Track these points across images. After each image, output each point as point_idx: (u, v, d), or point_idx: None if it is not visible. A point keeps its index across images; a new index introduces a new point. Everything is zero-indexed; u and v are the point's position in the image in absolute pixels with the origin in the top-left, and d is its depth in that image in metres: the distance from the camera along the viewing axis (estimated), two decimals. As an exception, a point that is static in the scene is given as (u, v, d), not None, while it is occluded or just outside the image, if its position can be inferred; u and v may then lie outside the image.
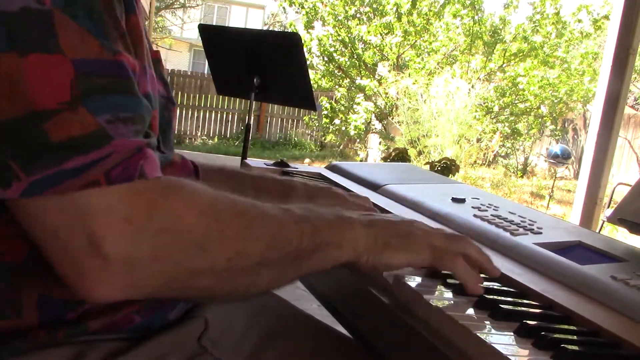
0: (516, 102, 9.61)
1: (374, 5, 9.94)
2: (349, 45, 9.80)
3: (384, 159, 8.33)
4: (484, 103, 9.18)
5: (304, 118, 10.80)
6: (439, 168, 6.89)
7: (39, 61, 0.47)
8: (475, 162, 9.15)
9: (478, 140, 8.89)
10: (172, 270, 0.53)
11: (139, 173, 0.51)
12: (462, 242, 0.70)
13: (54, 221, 0.49)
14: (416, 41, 9.66)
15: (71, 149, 0.48)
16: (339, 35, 9.75)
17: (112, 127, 0.49)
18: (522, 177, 10.01)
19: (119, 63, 0.51)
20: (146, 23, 0.75)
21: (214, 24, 20.13)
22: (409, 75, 9.20)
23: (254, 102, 3.06)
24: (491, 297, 0.66)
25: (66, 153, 0.48)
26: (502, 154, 10.51)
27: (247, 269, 0.57)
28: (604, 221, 3.46)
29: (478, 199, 1.10)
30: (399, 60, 9.79)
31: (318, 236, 0.62)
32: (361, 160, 9.73)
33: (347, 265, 0.66)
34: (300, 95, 2.97)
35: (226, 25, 13.57)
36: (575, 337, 0.60)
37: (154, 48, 0.70)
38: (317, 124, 10.74)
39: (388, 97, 9.42)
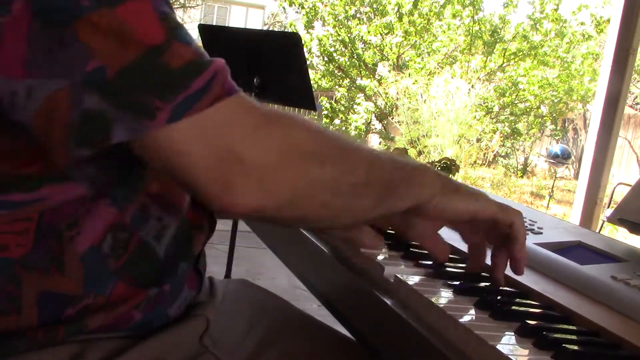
0: (516, 102, 9.62)
1: (374, 5, 9.94)
2: (349, 45, 9.80)
3: (384, 159, 8.31)
4: (484, 103, 9.18)
5: (304, 118, 10.80)
6: (439, 168, 6.89)
7: (128, 9, 0.50)
8: (475, 162, 9.15)
9: (478, 140, 8.89)
10: (298, 178, 0.57)
11: (235, 87, 0.55)
12: (515, 216, 0.73)
13: (195, 143, 0.52)
14: (416, 41, 9.66)
15: (190, 72, 0.52)
16: (339, 35, 9.76)
17: (202, 52, 0.54)
18: (522, 177, 10.01)
19: (172, 13, 0.55)
20: None
21: (214, 24, 20.13)
22: (409, 75, 9.20)
23: (254, 102, 3.05)
24: (492, 297, 0.66)
25: (188, 76, 0.52)
26: (502, 154, 10.51)
27: (354, 186, 0.61)
28: (604, 221, 3.46)
29: (478, 199, 1.10)
30: (399, 60, 9.79)
31: (404, 172, 0.66)
32: (361, 160, 9.72)
33: (416, 209, 0.68)
34: (300, 95, 2.97)
35: (226, 25, 13.58)
36: (575, 337, 0.60)
37: None
38: (317, 124, 10.74)
39: (388, 97, 9.42)
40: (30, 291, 0.57)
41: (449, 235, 0.90)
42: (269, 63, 2.91)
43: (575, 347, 0.56)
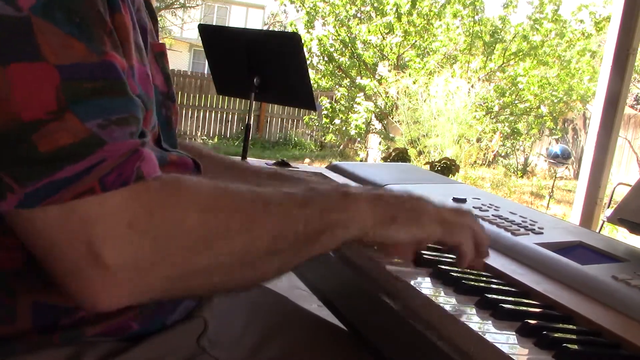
0: (516, 102, 9.61)
1: (375, 5, 9.94)
2: (349, 45, 9.80)
3: (384, 159, 8.33)
4: (484, 103, 9.18)
5: (304, 118, 10.79)
6: (439, 168, 6.89)
7: (21, 70, 0.45)
8: (475, 162, 9.15)
9: (478, 140, 8.89)
10: (178, 271, 0.52)
11: (135, 176, 0.50)
12: (469, 217, 0.71)
13: (51, 232, 0.48)
14: (416, 41, 9.66)
15: (61, 159, 0.47)
16: (339, 35, 9.75)
17: (105, 131, 0.48)
18: (522, 177, 10.01)
19: (108, 63, 0.49)
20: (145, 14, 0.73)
21: (214, 24, 20.12)
22: (409, 75, 9.19)
23: (254, 102, 3.06)
24: (493, 296, 0.66)
25: (56, 163, 0.46)
26: (502, 154, 10.51)
27: (255, 261, 0.56)
28: (604, 221, 3.45)
29: (479, 199, 1.10)
30: (399, 60, 9.79)
31: (325, 217, 0.61)
32: (361, 160, 9.73)
33: (354, 243, 0.65)
34: (300, 95, 2.97)
35: (226, 25, 13.58)
36: (576, 337, 0.60)
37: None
38: (317, 124, 10.74)
39: (388, 97, 9.42)
40: (25, 302, 0.56)
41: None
42: (269, 63, 2.91)
43: (576, 347, 0.56)
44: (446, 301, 0.65)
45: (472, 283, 0.70)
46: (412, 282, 0.68)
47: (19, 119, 0.45)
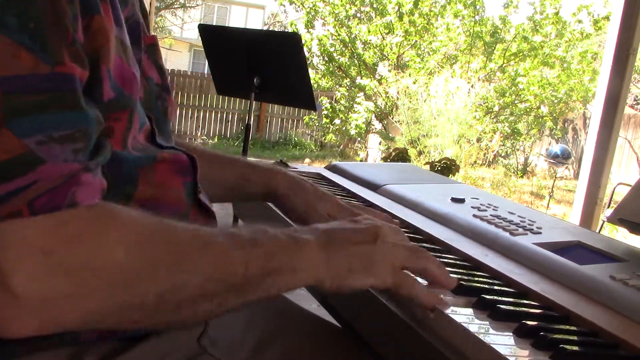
0: (516, 102, 9.61)
1: (375, 5, 9.94)
2: (349, 45, 9.80)
3: (384, 159, 8.32)
4: (484, 103, 9.18)
5: (304, 118, 10.79)
6: (439, 168, 6.89)
7: None
8: (475, 162, 9.15)
9: (478, 140, 8.89)
10: (93, 306, 0.49)
11: (68, 202, 0.47)
12: (422, 259, 0.68)
13: None
14: (416, 41, 9.66)
15: None
16: (339, 35, 9.75)
17: (43, 148, 0.45)
18: (522, 177, 10.01)
19: (59, 75, 0.47)
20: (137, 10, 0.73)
21: (214, 24, 20.12)
22: (409, 75, 9.19)
23: (254, 102, 3.06)
24: (490, 297, 0.66)
25: None
26: (502, 154, 10.51)
27: (182, 302, 0.54)
28: (604, 221, 3.45)
29: (477, 199, 1.10)
30: (399, 60, 9.79)
31: (268, 261, 0.58)
32: (361, 160, 9.73)
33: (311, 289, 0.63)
34: (300, 95, 2.97)
35: (226, 25, 13.58)
36: (574, 338, 0.60)
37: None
38: (317, 124, 10.74)
39: (388, 97, 9.42)
40: None
41: (447, 236, 0.89)
42: (269, 63, 2.91)
43: (574, 348, 0.56)
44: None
45: (470, 283, 0.70)
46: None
47: None
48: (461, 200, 1.07)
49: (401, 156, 7.61)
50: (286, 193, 0.90)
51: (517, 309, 0.65)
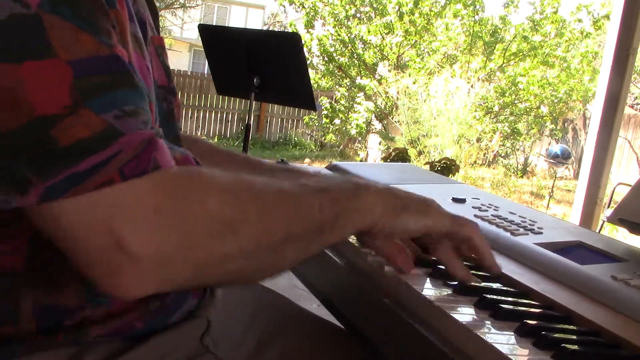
0: (516, 102, 9.61)
1: (374, 5, 9.94)
2: (349, 45, 9.80)
3: (384, 159, 8.33)
4: (484, 103, 9.18)
5: (304, 118, 10.79)
6: (439, 168, 6.89)
7: (34, 68, 0.46)
8: (475, 162, 9.15)
9: (478, 140, 8.89)
10: (203, 257, 0.52)
11: (152, 165, 0.50)
12: (469, 227, 0.71)
13: (75, 224, 0.48)
14: (416, 41, 9.66)
15: (81, 151, 0.47)
16: (339, 35, 9.75)
17: (120, 122, 0.49)
18: (522, 177, 10.01)
19: (116, 56, 0.50)
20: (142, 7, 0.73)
21: (214, 24, 20.12)
22: (409, 75, 9.19)
23: (254, 102, 3.06)
24: (491, 296, 0.66)
25: (76, 156, 0.47)
26: (502, 154, 10.51)
27: (274, 246, 0.57)
28: (604, 221, 3.45)
29: (478, 199, 1.10)
30: (399, 60, 9.79)
31: (338, 205, 0.62)
32: (361, 160, 9.73)
33: (364, 233, 0.67)
34: (300, 95, 2.97)
35: (226, 25, 13.58)
36: (575, 337, 0.60)
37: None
38: (317, 124, 10.74)
39: (388, 97, 9.42)
40: (28, 305, 0.57)
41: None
42: (269, 63, 2.91)
43: (575, 347, 0.56)
44: (445, 301, 0.65)
45: (471, 283, 0.70)
46: (411, 283, 0.68)
47: (37, 114, 0.46)
48: (462, 201, 1.07)
49: (401, 156, 7.61)
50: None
51: (519, 308, 0.65)
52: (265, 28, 22.21)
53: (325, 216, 0.60)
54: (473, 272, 0.74)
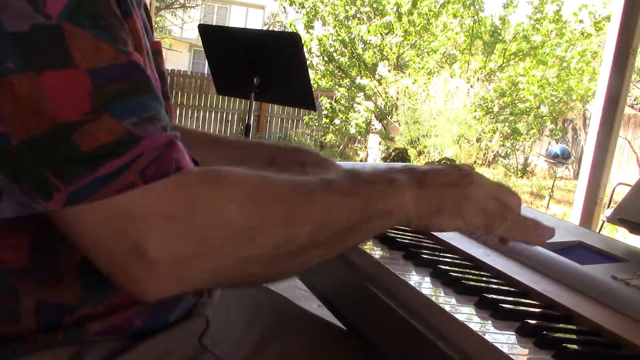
0: (516, 102, 9.61)
1: (374, 5, 9.94)
2: (349, 45, 9.80)
3: (384, 159, 8.32)
4: (484, 103, 9.18)
5: (304, 118, 10.79)
6: (439, 168, 6.88)
7: (54, 78, 0.47)
8: (475, 162, 9.15)
9: (478, 140, 8.89)
10: (221, 262, 0.53)
11: (174, 167, 0.51)
12: (510, 196, 0.71)
13: (96, 229, 0.49)
14: (416, 41, 9.66)
15: (102, 156, 0.48)
16: (339, 35, 9.75)
17: (139, 128, 0.49)
18: (522, 177, 10.01)
19: (135, 63, 0.51)
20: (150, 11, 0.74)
21: (214, 24, 20.13)
22: (409, 75, 9.19)
23: (254, 102, 3.06)
24: (492, 296, 0.66)
25: (98, 160, 0.48)
26: (502, 154, 10.51)
27: (295, 252, 0.56)
28: (604, 221, 3.45)
29: (478, 198, 1.10)
30: (399, 60, 9.79)
31: (368, 208, 0.60)
32: (361, 160, 9.73)
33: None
34: (300, 95, 2.97)
35: (226, 25, 13.58)
36: (576, 337, 0.60)
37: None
38: (317, 124, 10.74)
39: (388, 97, 9.42)
40: (29, 301, 0.57)
41: (448, 235, 0.90)
42: (269, 63, 2.91)
43: (576, 347, 0.56)
44: (446, 301, 0.65)
45: (472, 283, 0.70)
46: (412, 282, 0.68)
47: (58, 121, 0.47)
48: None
49: (401, 156, 7.61)
50: (314, 171, 0.88)
51: (519, 308, 0.65)
52: (265, 28, 22.22)
53: (353, 221, 0.59)
54: (474, 271, 0.74)
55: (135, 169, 0.49)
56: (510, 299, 0.67)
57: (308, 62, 7.55)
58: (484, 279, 0.74)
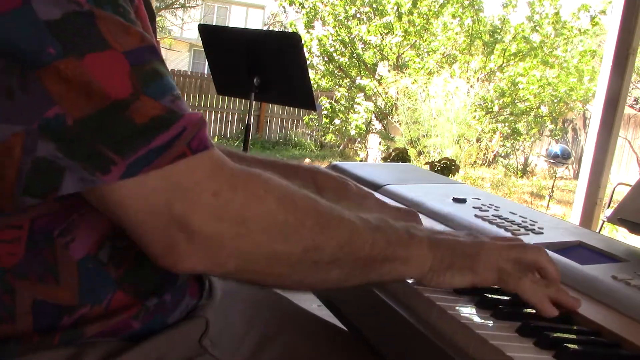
0: (516, 102, 9.61)
1: (374, 5, 9.93)
2: (349, 45, 9.79)
3: (384, 159, 8.32)
4: (484, 103, 9.17)
5: (304, 118, 10.79)
6: (439, 168, 6.89)
7: (96, 60, 0.49)
8: (475, 162, 9.14)
9: (478, 140, 8.89)
10: (253, 250, 0.55)
11: (209, 142, 0.54)
12: (532, 252, 0.70)
13: (150, 199, 0.51)
14: (416, 41, 9.66)
15: (155, 128, 0.50)
16: (339, 35, 9.75)
17: (176, 105, 0.52)
18: (522, 177, 10.00)
19: (154, 46, 0.53)
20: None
21: (214, 24, 20.11)
22: (409, 75, 9.19)
23: (254, 102, 3.06)
24: (492, 296, 0.66)
25: (151, 132, 0.50)
26: (502, 154, 10.50)
27: (319, 263, 0.59)
28: (604, 221, 3.45)
29: (479, 199, 1.10)
30: (399, 60, 9.79)
31: (389, 248, 0.63)
32: (361, 160, 9.73)
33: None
34: (300, 95, 2.96)
35: (226, 25, 13.58)
36: (576, 337, 0.60)
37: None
38: (317, 124, 10.74)
39: (388, 97, 9.41)
40: (25, 300, 0.57)
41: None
42: (269, 63, 2.91)
43: (576, 347, 0.56)
44: (446, 301, 0.65)
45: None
46: (412, 282, 0.68)
47: (111, 99, 0.49)
48: (463, 201, 1.07)
49: (401, 156, 7.60)
50: (331, 195, 0.88)
51: (520, 308, 0.65)
52: (265, 28, 22.22)
53: (375, 254, 0.62)
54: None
55: (183, 140, 0.51)
56: (510, 299, 0.67)
57: (308, 62, 7.56)
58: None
